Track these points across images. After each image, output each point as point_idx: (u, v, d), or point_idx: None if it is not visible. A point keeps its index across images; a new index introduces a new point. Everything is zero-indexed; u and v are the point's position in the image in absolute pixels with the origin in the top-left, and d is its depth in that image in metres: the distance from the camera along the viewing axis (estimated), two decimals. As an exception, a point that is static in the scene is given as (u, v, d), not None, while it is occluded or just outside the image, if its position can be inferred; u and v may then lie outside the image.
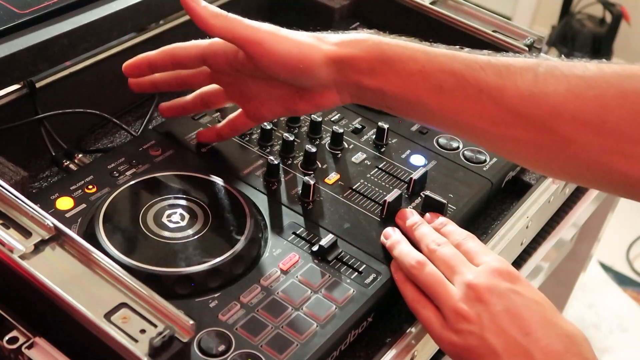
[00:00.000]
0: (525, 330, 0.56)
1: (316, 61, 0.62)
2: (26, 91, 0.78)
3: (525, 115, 0.57)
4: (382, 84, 0.61)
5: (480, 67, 0.58)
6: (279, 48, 0.62)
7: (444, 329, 0.59)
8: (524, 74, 0.57)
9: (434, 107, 0.61)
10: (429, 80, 0.59)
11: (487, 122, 0.59)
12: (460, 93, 0.59)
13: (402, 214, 0.69)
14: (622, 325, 1.81)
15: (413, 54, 0.60)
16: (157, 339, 0.49)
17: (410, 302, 0.62)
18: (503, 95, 0.57)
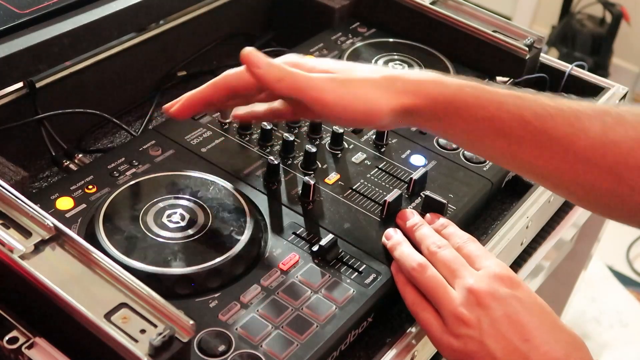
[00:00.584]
0: (525, 337, 0.56)
1: (381, 114, 0.61)
2: (26, 91, 0.78)
3: (594, 163, 0.58)
4: (447, 129, 0.63)
5: (550, 115, 0.59)
6: (344, 105, 0.61)
7: (443, 333, 0.58)
8: (593, 122, 0.58)
9: (500, 150, 0.62)
10: (497, 127, 0.60)
11: (555, 168, 0.60)
12: (528, 140, 0.60)
13: (402, 215, 0.69)
14: (622, 321, 1.81)
15: (480, 100, 0.60)
16: (157, 339, 0.49)
17: (411, 305, 0.62)
18: (574, 144, 0.58)
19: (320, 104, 0.61)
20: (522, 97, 0.60)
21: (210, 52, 0.97)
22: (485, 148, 0.63)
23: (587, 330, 1.75)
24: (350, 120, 0.63)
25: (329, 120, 0.65)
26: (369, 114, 0.61)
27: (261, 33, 1.03)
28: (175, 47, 0.93)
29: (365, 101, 0.61)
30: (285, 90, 0.62)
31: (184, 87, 0.93)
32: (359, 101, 0.61)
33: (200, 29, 0.95)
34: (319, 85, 0.61)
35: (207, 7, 0.95)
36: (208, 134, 0.78)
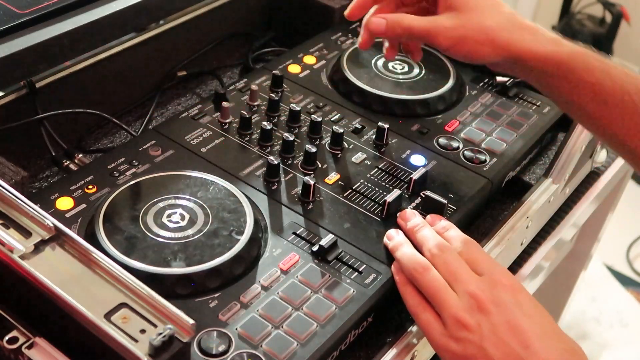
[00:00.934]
0: (524, 343, 0.56)
1: (495, 49, 0.68)
2: (26, 91, 0.78)
3: None
4: (552, 86, 0.68)
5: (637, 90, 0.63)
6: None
7: (443, 336, 0.58)
8: None
9: (594, 114, 0.67)
10: (598, 94, 0.65)
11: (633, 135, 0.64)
12: (623, 111, 0.64)
13: (404, 215, 0.69)
14: (622, 320, 1.81)
15: (588, 65, 0.65)
16: (157, 339, 0.49)
17: (411, 306, 0.62)
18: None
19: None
20: (628, 72, 0.64)
21: (210, 52, 0.97)
22: (582, 111, 0.68)
23: (587, 330, 1.75)
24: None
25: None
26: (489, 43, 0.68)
27: (261, 33, 1.03)
28: (175, 47, 0.93)
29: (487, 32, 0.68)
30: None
31: (184, 87, 0.94)
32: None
33: (200, 29, 0.95)
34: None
35: (207, 7, 0.95)
36: (208, 134, 0.78)
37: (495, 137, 0.82)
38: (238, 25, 1.00)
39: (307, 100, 0.85)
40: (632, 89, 0.64)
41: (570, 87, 0.67)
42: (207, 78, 0.96)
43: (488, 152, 0.79)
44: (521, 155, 0.81)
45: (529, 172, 0.85)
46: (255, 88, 0.83)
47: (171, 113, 0.89)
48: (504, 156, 0.79)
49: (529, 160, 0.85)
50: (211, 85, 0.95)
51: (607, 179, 0.94)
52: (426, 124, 0.83)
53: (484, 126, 0.83)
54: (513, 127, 0.84)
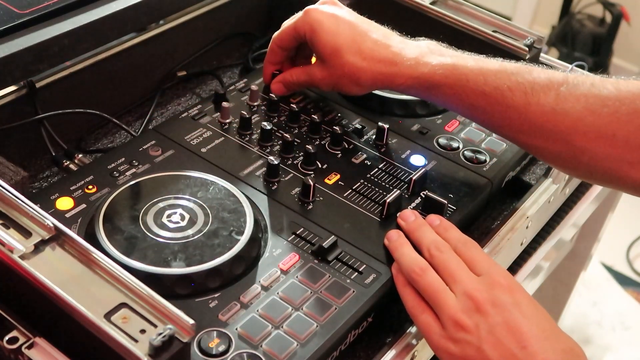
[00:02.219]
0: (522, 344, 0.56)
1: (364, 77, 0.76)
2: (26, 91, 0.78)
3: (546, 129, 0.66)
4: (424, 97, 0.76)
5: (508, 88, 0.67)
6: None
7: (441, 337, 0.58)
8: (547, 92, 0.66)
9: (469, 117, 0.75)
10: (463, 101, 0.70)
11: (513, 132, 0.69)
12: (490, 110, 0.69)
13: (404, 215, 0.69)
14: (624, 323, 1.81)
15: (446, 79, 0.70)
16: (157, 339, 0.49)
17: (410, 308, 0.62)
18: (527, 112, 0.66)
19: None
20: (486, 74, 0.69)
21: (210, 52, 0.97)
22: (464, 116, 0.76)
23: (588, 334, 1.75)
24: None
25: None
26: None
27: (261, 33, 1.03)
28: (175, 47, 0.93)
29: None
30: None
31: (184, 87, 0.94)
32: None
33: (200, 29, 0.95)
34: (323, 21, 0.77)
35: (207, 7, 0.95)
36: (208, 134, 0.78)
37: (495, 137, 0.82)
38: (238, 25, 1.00)
39: (307, 100, 0.85)
40: (490, 90, 0.68)
41: (442, 101, 0.73)
42: (207, 78, 0.96)
43: (488, 152, 0.79)
44: (521, 155, 0.81)
45: (529, 172, 0.85)
46: (255, 88, 0.83)
47: (171, 113, 0.89)
48: (504, 156, 0.79)
49: (529, 160, 0.85)
50: (211, 85, 0.95)
51: (607, 179, 0.94)
52: (426, 124, 0.83)
53: (484, 126, 0.83)
54: (513, 127, 0.83)
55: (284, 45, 0.81)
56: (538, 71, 0.68)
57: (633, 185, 0.65)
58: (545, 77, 0.67)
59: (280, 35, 0.81)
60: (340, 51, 0.74)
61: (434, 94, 0.72)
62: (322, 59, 0.77)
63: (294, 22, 0.79)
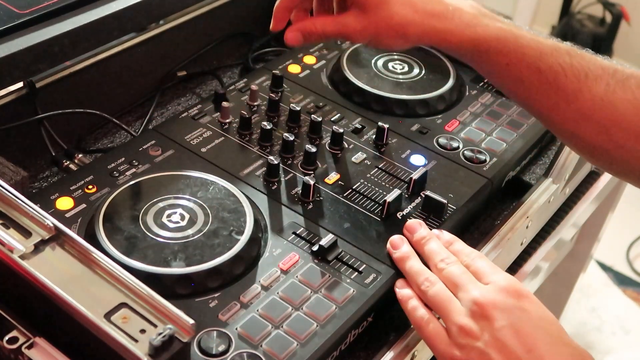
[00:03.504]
0: (528, 347, 0.55)
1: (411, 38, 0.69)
2: (26, 91, 0.78)
3: (591, 119, 0.65)
4: (475, 66, 0.71)
5: (562, 69, 0.65)
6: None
7: (448, 345, 0.58)
8: (598, 82, 0.64)
9: (512, 91, 0.70)
10: (513, 73, 0.67)
11: (560, 117, 0.67)
12: (539, 88, 0.66)
13: (411, 227, 0.68)
14: (624, 327, 1.81)
15: (503, 46, 0.67)
16: (157, 339, 0.49)
17: (417, 320, 0.61)
18: (577, 99, 0.65)
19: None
20: (543, 50, 0.66)
21: (210, 52, 0.97)
22: (505, 90, 0.71)
23: (589, 340, 1.75)
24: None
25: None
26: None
27: (261, 33, 1.03)
28: (175, 47, 0.93)
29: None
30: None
31: (184, 87, 0.94)
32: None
33: (200, 29, 0.95)
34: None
35: (207, 7, 0.95)
36: (208, 134, 0.78)
37: (495, 137, 0.82)
38: (238, 25, 1.00)
39: (307, 100, 0.85)
40: (545, 68, 0.65)
41: (489, 69, 0.69)
42: (207, 78, 0.96)
43: (488, 152, 0.79)
44: (521, 155, 0.81)
45: (529, 172, 0.85)
46: (255, 88, 0.83)
47: (171, 113, 0.89)
48: (504, 156, 0.79)
49: (529, 160, 0.85)
50: (211, 85, 0.95)
51: (607, 179, 0.94)
52: (426, 124, 0.83)
53: (484, 126, 0.83)
54: (513, 126, 0.84)
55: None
56: (589, 56, 0.66)
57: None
58: (598, 64, 0.65)
59: None
60: (389, 1, 0.67)
61: (485, 60, 0.68)
62: (364, 8, 0.68)
63: None
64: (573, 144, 0.69)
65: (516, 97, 0.71)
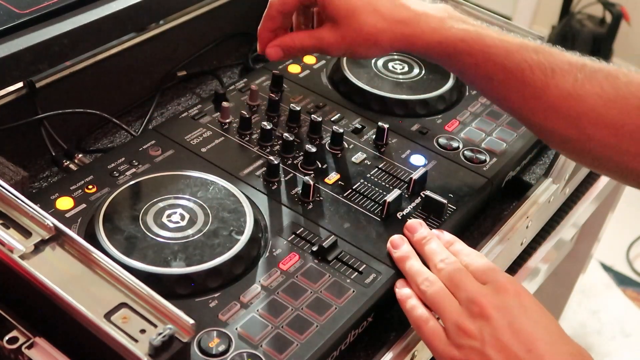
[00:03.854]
0: (528, 347, 0.55)
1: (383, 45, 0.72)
2: (26, 91, 0.78)
3: (561, 112, 0.66)
4: (440, 63, 0.72)
5: (528, 65, 0.67)
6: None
7: (446, 345, 0.58)
8: (565, 76, 0.66)
9: (483, 89, 0.72)
10: (481, 72, 0.69)
11: (527, 111, 0.68)
12: (507, 85, 0.68)
13: (412, 227, 0.68)
14: (624, 331, 1.81)
15: (469, 47, 0.68)
16: (157, 339, 0.49)
17: (416, 320, 0.61)
18: (545, 93, 0.66)
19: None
20: (509, 48, 0.67)
21: (210, 52, 0.97)
22: (476, 87, 0.73)
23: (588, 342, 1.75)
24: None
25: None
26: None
27: (261, 33, 1.03)
28: (175, 47, 0.93)
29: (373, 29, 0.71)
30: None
31: (184, 87, 0.94)
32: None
33: (200, 29, 0.95)
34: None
35: (207, 7, 0.95)
36: (208, 134, 0.78)
37: (495, 137, 0.82)
38: (238, 25, 1.00)
39: (307, 100, 0.85)
40: (512, 66, 0.67)
41: (458, 69, 0.71)
42: (207, 78, 0.96)
43: (488, 152, 0.79)
44: (521, 155, 0.81)
45: (529, 172, 0.85)
46: (255, 88, 0.83)
47: (171, 113, 0.89)
48: (504, 156, 0.79)
49: (529, 160, 0.85)
50: (211, 85, 0.95)
51: (607, 179, 0.94)
52: (426, 124, 0.83)
53: (483, 126, 0.83)
54: (513, 126, 0.84)
55: (287, 9, 0.74)
56: (557, 53, 0.68)
57: (635, 177, 0.65)
58: (566, 60, 0.67)
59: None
60: (356, 11, 0.70)
61: (453, 61, 0.70)
62: (335, 21, 0.71)
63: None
64: (545, 137, 0.71)
65: (487, 93, 0.72)
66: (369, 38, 0.71)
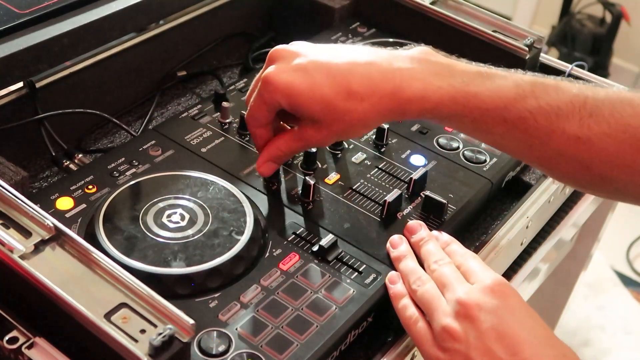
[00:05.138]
0: (512, 350, 0.55)
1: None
2: (26, 91, 0.78)
3: (568, 156, 0.63)
4: (435, 123, 0.72)
5: (530, 114, 0.63)
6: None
7: (432, 346, 0.58)
8: (570, 119, 0.62)
9: (484, 141, 0.71)
10: (479, 127, 0.65)
11: (535, 158, 0.66)
12: (510, 137, 0.65)
13: (411, 227, 0.68)
14: (626, 328, 1.80)
15: (462, 107, 0.63)
16: (157, 339, 0.49)
17: (405, 319, 0.61)
18: (551, 139, 0.63)
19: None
20: (505, 99, 0.63)
21: (210, 52, 0.97)
22: (475, 138, 0.71)
23: (589, 337, 1.75)
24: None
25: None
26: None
27: (261, 33, 1.03)
28: (175, 47, 0.93)
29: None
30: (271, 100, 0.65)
31: (184, 87, 0.94)
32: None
33: (200, 29, 0.95)
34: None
35: (207, 7, 0.95)
36: (208, 134, 0.78)
37: (495, 137, 0.82)
38: (238, 25, 1.00)
39: (307, 100, 0.84)
40: (512, 117, 0.63)
41: (455, 127, 0.70)
42: (207, 78, 0.96)
43: (488, 152, 0.79)
44: (521, 155, 0.81)
45: (529, 172, 0.85)
46: (255, 88, 0.83)
47: (171, 113, 0.89)
48: (504, 156, 0.79)
49: (529, 160, 0.85)
50: (211, 85, 0.95)
51: (607, 179, 0.93)
52: (426, 124, 0.83)
53: (484, 126, 0.83)
54: (513, 127, 0.84)
55: (262, 123, 0.69)
56: (554, 88, 0.64)
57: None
58: (567, 98, 0.63)
59: (253, 116, 0.68)
60: (332, 103, 0.63)
61: (448, 121, 0.67)
62: (313, 119, 0.65)
63: (259, 100, 0.66)
64: (554, 177, 0.70)
65: (488, 143, 0.71)
66: (356, 124, 0.65)
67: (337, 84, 0.63)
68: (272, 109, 0.67)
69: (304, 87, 0.63)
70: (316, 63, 0.64)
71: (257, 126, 0.69)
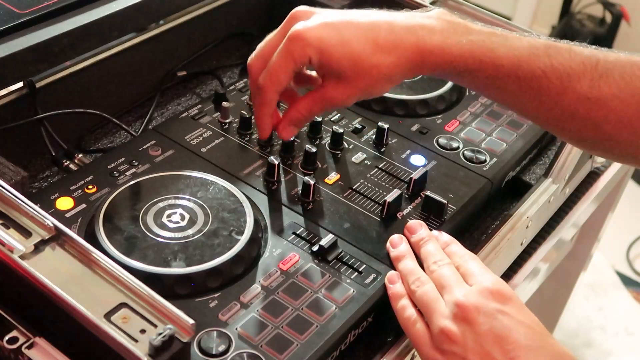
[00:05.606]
0: (509, 354, 0.55)
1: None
2: (26, 91, 0.78)
3: (578, 116, 0.64)
4: (449, 79, 0.73)
5: (543, 72, 0.64)
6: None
7: (430, 348, 0.58)
8: (581, 79, 0.64)
9: (495, 99, 0.71)
10: (494, 83, 0.66)
11: (545, 117, 0.67)
12: (521, 94, 0.66)
13: (411, 227, 0.68)
14: (628, 329, 1.80)
15: (479, 62, 0.64)
16: (157, 339, 0.49)
17: (403, 320, 0.61)
18: (562, 99, 0.64)
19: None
20: (520, 57, 0.64)
21: (210, 52, 0.97)
22: (486, 96, 0.74)
23: (591, 337, 1.75)
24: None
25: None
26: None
27: (261, 33, 1.03)
28: (175, 47, 0.93)
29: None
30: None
31: (184, 87, 0.94)
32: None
33: (200, 29, 0.95)
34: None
35: (207, 7, 0.95)
36: (208, 134, 0.78)
37: (495, 137, 0.82)
38: (238, 25, 1.00)
39: (307, 100, 0.84)
40: (525, 74, 0.64)
41: (469, 83, 0.69)
42: (207, 78, 0.96)
43: (488, 152, 0.79)
44: (521, 155, 0.81)
45: (529, 172, 0.85)
46: (255, 88, 0.83)
47: (171, 113, 0.89)
48: (504, 156, 0.79)
49: (529, 160, 0.85)
50: (211, 85, 0.95)
51: (607, 179, 0.94)
52: (426, 124, 0.83)
53: (483, 126, 0.83)
54: (513, 127, 0.84)
55: (282, 86, 0.67)
56: (567, 50, 0.65)
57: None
58: (578, 59, 0.64)
59: (276, 77, 0.67)
60: (361, 58, 0.64)
61: (463, 77, 0.66)
62: (340, 76, 0.65)
63: (287, 57, 0.66)
64: (562, 136, 0.71)
65: (500, 102, 0.71)
66: (382, 78, 0.66)
67: (365, 39, 0.64)
68: (299, 66, 0.66)
69: (334, 42, 0.64)
70: (342, 20, 0.65)
71: (275, 89, 0.67)
